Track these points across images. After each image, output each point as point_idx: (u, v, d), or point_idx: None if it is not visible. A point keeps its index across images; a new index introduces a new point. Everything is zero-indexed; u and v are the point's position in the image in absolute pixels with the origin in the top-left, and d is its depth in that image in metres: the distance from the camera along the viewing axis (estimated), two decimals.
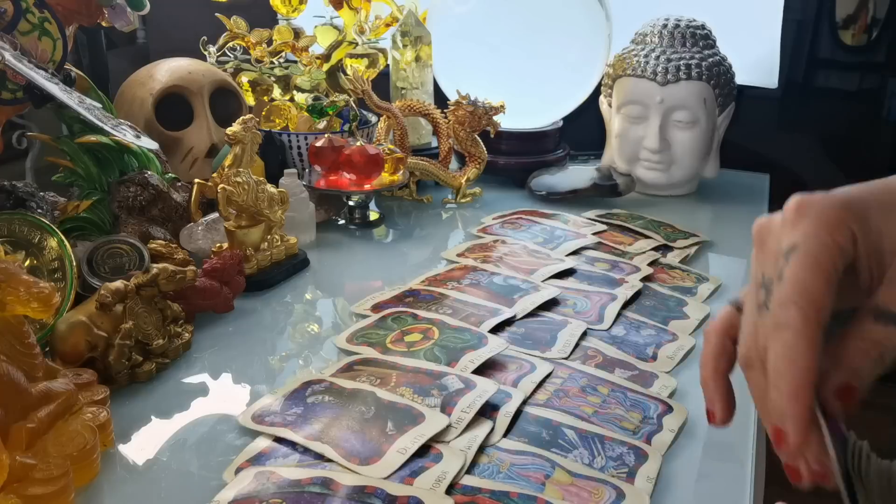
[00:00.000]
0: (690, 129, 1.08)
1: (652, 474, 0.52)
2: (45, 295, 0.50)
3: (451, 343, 0.68)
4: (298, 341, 0.73)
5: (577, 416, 0.58)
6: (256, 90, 1.14)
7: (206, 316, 0.75)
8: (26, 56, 0.73)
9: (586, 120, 1.23)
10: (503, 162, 1.18)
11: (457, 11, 1.15)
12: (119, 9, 0.84)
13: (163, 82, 0.99)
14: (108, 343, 0.63)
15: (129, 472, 0.54)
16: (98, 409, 0.56)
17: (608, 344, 0.70)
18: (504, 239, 0.94)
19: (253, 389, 0.65)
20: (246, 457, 0.53)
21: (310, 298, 0.83)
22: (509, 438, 0.56)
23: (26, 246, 0.70)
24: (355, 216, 1.02)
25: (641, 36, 1.13)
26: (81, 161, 0.81)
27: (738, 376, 0.38)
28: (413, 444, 0.53)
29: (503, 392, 0.60)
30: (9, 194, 0.78)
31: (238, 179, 0.81)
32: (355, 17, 1.13)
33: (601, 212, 1.05)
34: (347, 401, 0.59)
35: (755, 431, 0.59)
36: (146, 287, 0.67)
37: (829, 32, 1.27)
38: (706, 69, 1.07)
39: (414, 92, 1.15)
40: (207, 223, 0.87)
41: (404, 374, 0.63)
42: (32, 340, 0.53)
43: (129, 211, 0.82)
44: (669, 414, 0.60)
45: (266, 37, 1.13)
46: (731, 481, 0.54)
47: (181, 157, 0.99)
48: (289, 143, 1.07)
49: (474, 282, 0.82)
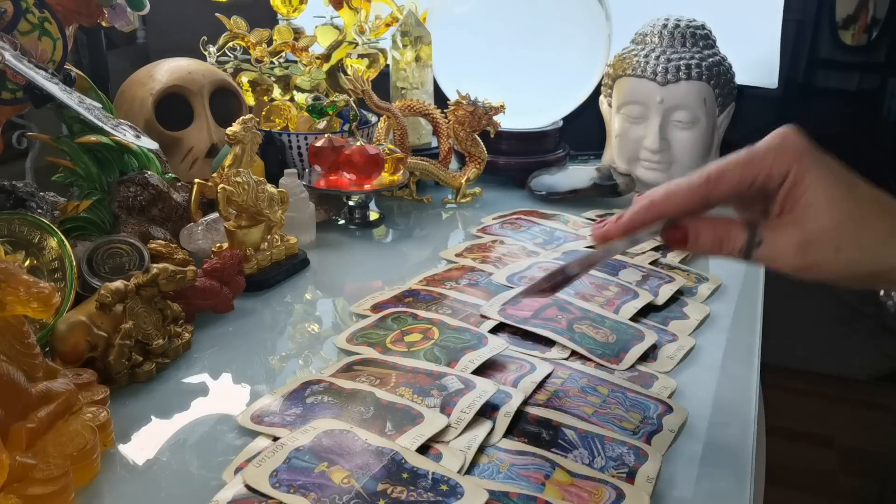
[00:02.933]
0: (690, 129, 1.08)
1: (652, 474, 0.52)
2: (45, 295, 0.50)
3: (451, 343, 0.68)
4: (298, 341, 0.73)
5: (577, 417, 0.58)
6: (256, 90, 1.14)
7: (206, 316, 0.75)
8: (26, 56, 0.73)
9: (586, 120, 1.23)
10: (503, 162, 1.18)
11: (457, 11, 1.15)
12: (119, 9, 0.84)
13: (163, 82, 0.99)
14: (108, 343, 0.63)
15: (129, 472, 0.54)
16: (98, 409, 0.56)
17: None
18: (503, 239, 0.94)
19: (253, 389, 0.65)
20: (246, 457, 0.53)
21: (310, 298, 0.83)
22: (509, 438, 0.56)
23: (26, 246, 0.70)
24: (355, 216, 1.02)
25: (641, 36, 1.13)
26: (81, 161, 0.81)
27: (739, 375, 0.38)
28: (412, 445, 0.53)
29: (503, 392, 0.60)
30: (9, 194, 0.78)
31: (238, 179, 0.81)
32: (355, 17, 1.13)
33: (601, 212, 1.05)
34: (346, 401, 0.59)
35: (755, 431, 0.59)
36: (146, 287, 0.67)
37: (829, 32, 1.28)
38: (706, 69, 1.07)
39: (414, 92, 1.15)
40: (207, 223, 0.87)
41: (404, 375, 0.63)
42: (32, 340, 0.53)
43: (129, 211, 0.82)
44: (669, 414, 0.60)
45: (266, 37, 1.13)
46: (731, 481, 0.54)
47: (181, 157, 0.99)
48: (289, 143, 1.07)
49: (472, 282, 0.82)
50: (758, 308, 0.80)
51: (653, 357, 0.69)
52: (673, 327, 0.74)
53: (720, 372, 0.67)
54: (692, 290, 0.83)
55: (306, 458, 0.51)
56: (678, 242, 0.50)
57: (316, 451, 0.52)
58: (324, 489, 0.49)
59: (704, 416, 0.61)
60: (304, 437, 0.54)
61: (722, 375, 0.67)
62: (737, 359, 0.70)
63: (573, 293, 0.78)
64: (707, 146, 1.10)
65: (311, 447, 0.53)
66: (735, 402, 0.63)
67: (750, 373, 0.67)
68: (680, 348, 0.70)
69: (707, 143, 1.10)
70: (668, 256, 0.91)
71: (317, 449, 0.52)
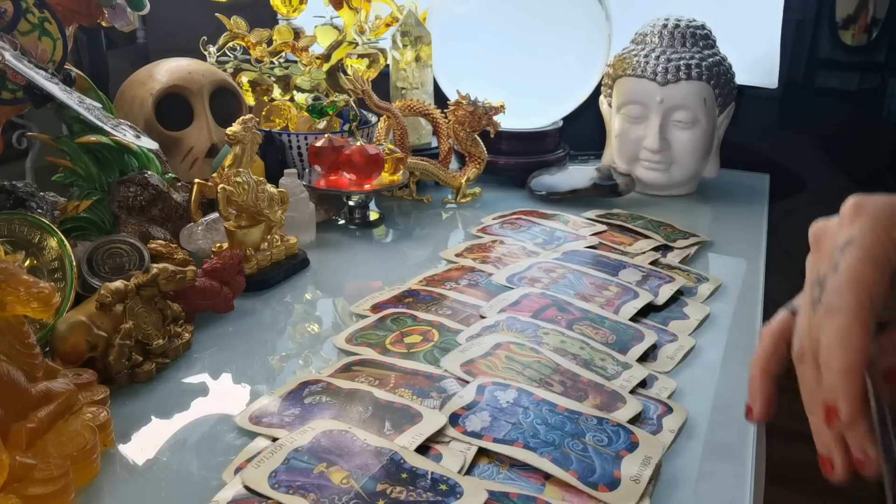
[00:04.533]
0: (690, 129, 1.08)
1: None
2: (45, 295, 0.50)
3: (450, 345, 0.68)
4: (298, 341, 0.73)
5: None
6: (256, 90, 1.14)
7: (206, 316, 0.75)
8: (26, 56, 0.73)
9: (586, 120, 1.23)
10: (503, 162, 1.18)
11: (457, 11, 1.15)
12: (119, 9, 0.84)
13: (163, 82, 0.99)
14: (108, 343, 0.63)
15: (129, 472, 0.54)
16: (98, 409, 0.56)
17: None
18: (503, 239, 0.94)
19: (253, 389, 0.65)
20: (245, 457, 0.53)
21: (310, 298, 0.83)
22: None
23: (26, 246, 0.70)
24: (355, 216, 1.02)
25: (641, 36, 1.13)
26: (81, 161, 0.81)
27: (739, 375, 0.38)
28: (411, 444, 0.53)
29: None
30: (9, 194, 0.78)
31: (238, 179, 0.81)
32: (355, 17, 1.13)
33: (601, 212, 1.05)
34: (345, 401, 0.59)
35: (755, 431, 0.59)
36: (146, 287, 0.67)
37: (829, 32, 1.27)
38: (706, 69, 1.07)
39: (414, 92, 1.15)
40: (207, 223, 0.87)
41: (403, 376, 0.63)
42: (32, 340, 0.53)
43: (129, 211, 0.82)
44: (669, 415, 0.60)
45: (266, 37, 1.13)
46: (731, 481, 0.54)
47: (181, 157, 0.99)
48: (289, 143, 1.07)
49: (472, 282, 0.82)
50: (758, 308, 0.80)
51: (653, 357, 0.69)
52: (673, 327, 0.74)
53: (720, 372, 0.67)
54: (692, 290, 0.83)
55: (305, 458, 0.51)
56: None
57: (315, 451, 0.52)
58: (323, 490, 0.49)
59: (704, 416, 0.61)
60: (303, 438, 0.54)
61: (722, 375, 0.67)
62: (737, 359, 0.70)
63: (573, 293, 0.78)
64: (707, 146, 1.10)
65: (310, 448, 0.53)
66: (735, 402, 0.63)
67: None
68: (680, 348, 0.70)
69: (707, 143, 1.10)
70: (668, 257, 0.91)
71: (315, 449, 0.52)
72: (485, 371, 0.63)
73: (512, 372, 0.63)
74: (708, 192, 1.16)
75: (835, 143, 1.30)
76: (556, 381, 0.62)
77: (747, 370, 0.40)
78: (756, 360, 0.41)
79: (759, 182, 1.22)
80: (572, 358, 0.66)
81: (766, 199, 1.15)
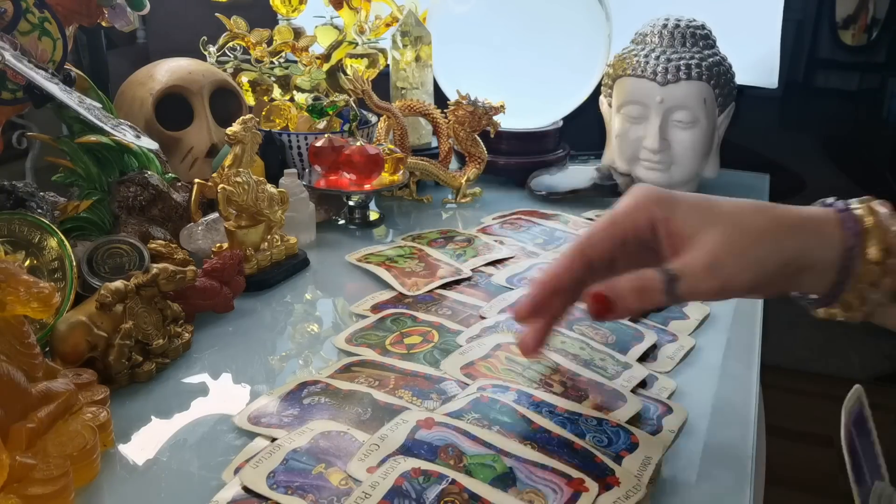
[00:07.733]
0: (690, 129, 1.08)
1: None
2: (45, 295, 0.50)
3: (450, 346, 0.68)
4: (298, 341, 0.73)
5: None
6: (256, 90, 1.14)
7: (206, 316, 0.75)
8: (26, 56, 0.73)
9: (586, 120, 1.23)
10: (503, 162, 1.19)
11: (457, 11, 1.15)
12: (119, 9, 0.84)
13: (163, 82, 0.99)
14: (108, 343, 0.63)
15: (129, 472, 0.54)
16: (98, 409, 0.56)
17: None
18: (503, 239, 0.94)
19: (253, 389, 0.65)
20: (245, 457, 0.53)
21: (310, 298, 0.83)
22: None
23: (26, 246, 0.70)
24: (355, 216, 1.02)
25: (641, 36, 1.13)
26: (81, 161, 0.81)
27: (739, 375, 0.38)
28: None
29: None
30: (9, 194, 0.78)
31: (238, 179, 0.81)
32: (355, 17, 1.13)
33: (601, 212, 1.05)
34: (344, 402, 0.59)
35: (755, 431, 0.59)
36: (146, 287, 0.67)
37: (829, 32, 1.28)
38: (706, 69, 1.07)
39: (414, 92, 1.15)
40: (207, 223, 0.87)
41: (403, 377, 0.63)
42: (32, 340, 0.53)
43: (129, 211, 0.82)
44: (669, 415, 0.60)
45: (266, 37, 1.13)
46: (731, 481, 0.54)
47: (181, 157, 0.99)
48: (289, 143, 1.07)
49: (472, 283, 0.82)
50: (758, 308, 0.80)
51: (653, 357, 0.69)
52: (673, 327, 0.74)
53: (720, 372, 0.67)
54: None
55: (303, 459, 0.51)
56: (603, 309, 0.49)
57: (313, 452, 0.52)
58: (321, 490, 0.49)
59: (704, 416, 0.61)
60: (302, 439, 0.54)
61: (722, 375, 0.67)
62: (737, 359, 0.70)
63: None
64: (707, 146, 1.10)
65: (309, 448, 0.53)
66: (735, 402, 0.63)
67: (750, 373, 0.67)
68: (680, 348, 0.70)
69: (707, 143, 1.10)
70: None
71: (314, 450, 0.52)
72: (485, 373, 0.63)
73: (512, 373, 0.63)
74: (708, 191, 1.14)
75: (835, 143, 1.30)
76: (557, 381, 0.62)
77: (747, 370, 0.40)
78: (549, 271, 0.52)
79: (759, 182, 1.22)
80: (572, 358, 0.66)
81: (766, 199, 1.15)
